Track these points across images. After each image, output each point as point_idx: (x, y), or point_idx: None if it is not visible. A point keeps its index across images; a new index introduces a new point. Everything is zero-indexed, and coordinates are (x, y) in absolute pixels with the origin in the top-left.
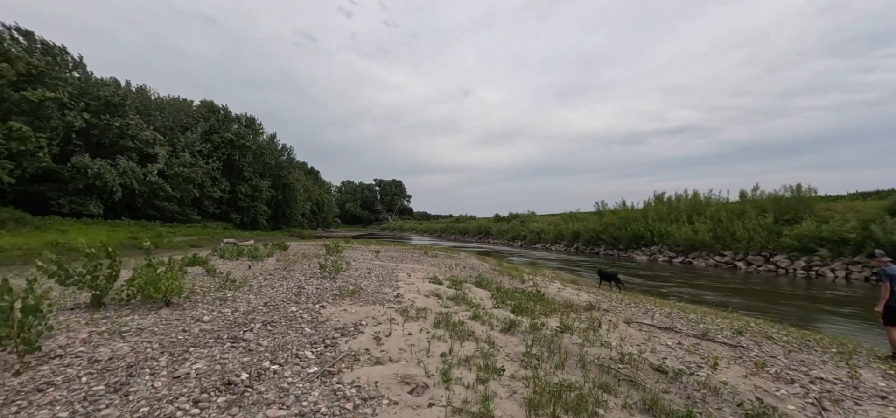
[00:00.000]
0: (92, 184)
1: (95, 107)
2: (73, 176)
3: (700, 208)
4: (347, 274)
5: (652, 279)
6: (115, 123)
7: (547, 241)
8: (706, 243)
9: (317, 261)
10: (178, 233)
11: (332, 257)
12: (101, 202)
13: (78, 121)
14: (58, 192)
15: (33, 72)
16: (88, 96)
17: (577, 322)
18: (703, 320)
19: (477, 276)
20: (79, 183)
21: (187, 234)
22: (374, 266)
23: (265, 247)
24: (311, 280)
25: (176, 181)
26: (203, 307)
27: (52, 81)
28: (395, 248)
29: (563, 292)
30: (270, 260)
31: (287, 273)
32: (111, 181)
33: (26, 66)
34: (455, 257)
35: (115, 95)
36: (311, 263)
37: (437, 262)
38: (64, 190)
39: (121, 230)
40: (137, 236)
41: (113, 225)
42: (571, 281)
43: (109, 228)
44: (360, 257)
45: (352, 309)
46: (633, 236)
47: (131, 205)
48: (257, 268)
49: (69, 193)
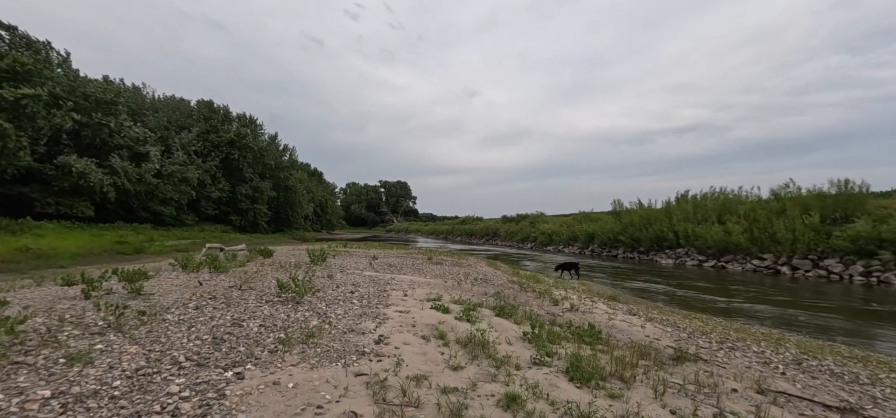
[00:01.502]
0: (78, 185)
1: (85, 106)
2: (58, 176)
3: (730, 207)
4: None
5: (687, 287)
6: (109, 122)
7: (559, 243)
8: (741, 245)
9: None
10: (171, 237)
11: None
12: (93, 204)
13: (67, 123)
14: (44, 193)
15: (18, 68)
16: (77, 95)
17: (679, 395)
18: None
19: (494, 295)
20: (64, 183)
21: (180, 238)
22: (363, 280)
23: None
24: (263, 306)
25: (171, 182)
26: (23, 376)
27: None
28: (397, 253)
29: (616, 320)
30: (242, 269)
31: (240, 294)
32: (97, 181)
33: (12, 62)
34: (463, 264)
35: (105, 93)
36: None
37: (442, 272)
38: (50, 190)
39: (107, 234)
40: (125, 240)
41: (100, 228)
42: (611, 297)
43: (95, 232)
44: (351, 265)
45: (291, 375)
46: (655, 238)
47: (127, 206)
48: (213, 283)
49: (55, 194)
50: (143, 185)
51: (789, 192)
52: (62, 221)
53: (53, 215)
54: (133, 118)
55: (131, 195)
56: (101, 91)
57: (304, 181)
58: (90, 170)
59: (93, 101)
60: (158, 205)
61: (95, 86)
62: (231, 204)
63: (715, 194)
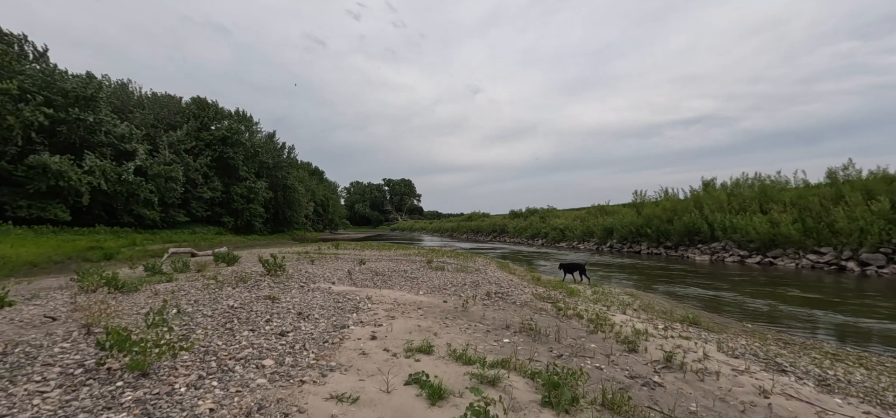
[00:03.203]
0: (55, 186)
1: (61, 102)
2: (31, 177)
3: (771, 193)
4: (225, 342)
5: (747, 292)
6: (89, 118)
7: (573, 239)
8: (792, 238)
9: (192, 298)
10: (158, 240)
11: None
12: (70, 207)
13: (37, 118)
14: (15, 197)
15: None
16: (54, 90)
17: None
18: None
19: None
20: (40, 185)
21: (168, 241)
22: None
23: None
24: (82, 385)
25: (157, 181)
26: None
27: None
28: (392, 254)
29: (773, 394)
30: (168, 286)
31: (81, 338)
32: (76, 181)
33: None
34: (470, 268)
35: (84, 89)
36: (189, 299)
37: (442, 282)
38: (22, 193)
39: (81, 239)
40: (101, 245)
41: (74, 233)
42: (687, 319)
43: (67, 237)
44: (326, 273)
45: None
46: (685, 230)
47: (110, 209)
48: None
49: (29, 197)
50: (124, 186)
51: (848, 175)
52: (36, 227)
53: (26, 220)
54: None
55: (112, 197)
56: (81, 86)
57: (304, 180)
58: (68, 169)
59: (71, 97)
60: (141, 208)
61: (74, 81)
62: (224, 204)
63: (748, 181)
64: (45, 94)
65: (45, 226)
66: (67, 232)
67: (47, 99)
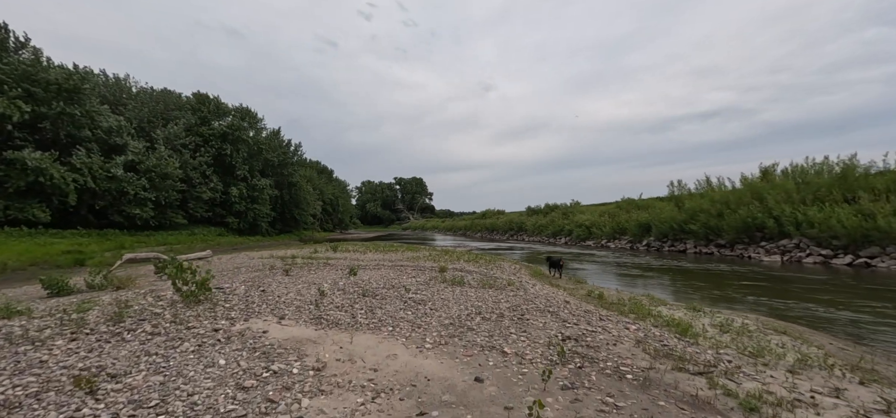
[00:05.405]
0: (35, 184)
1: (43, 95)
2: (8, 174)
3: (852, 181)
4: None
5: (866, 309)
6: (75, 112)
7: (600, 237)
8: (893, 233)
9: None
10: (151, 243)
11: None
12: (52, 207)
13: (14, 113)
14: None
15: None
16: (31, 81)
17: None
18: None
19: None
20: (18, 182)
21: (162, 244)
22: (213, 390)
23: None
24: None
25: (151, 179)
26: None
27: None
28: (400, 257)
29: None
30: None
31: None
32: (60, 179)
33: None
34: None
35: (68, 80)
36: None
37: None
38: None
39: (60, 242)
40: (81, 250)
41: (52, 236)
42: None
43: (43, 240)
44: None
45: None
46: (741, 226)
47: (97, 209)
48: None
49: (7, 197)
50: (113, 183)
51: None
52: (8, 229)
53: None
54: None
55: (98, 195)
56: (64, 78)
57: (312, 179)
58: (48, 165)
59: (52, 89)
60: (132, 207)
61: (58, 72)
62: (226, 204)
63: (816, 166)
64: (25, 86)
65: (19, 229)
66: (44, 234)
67: (27, 91)
